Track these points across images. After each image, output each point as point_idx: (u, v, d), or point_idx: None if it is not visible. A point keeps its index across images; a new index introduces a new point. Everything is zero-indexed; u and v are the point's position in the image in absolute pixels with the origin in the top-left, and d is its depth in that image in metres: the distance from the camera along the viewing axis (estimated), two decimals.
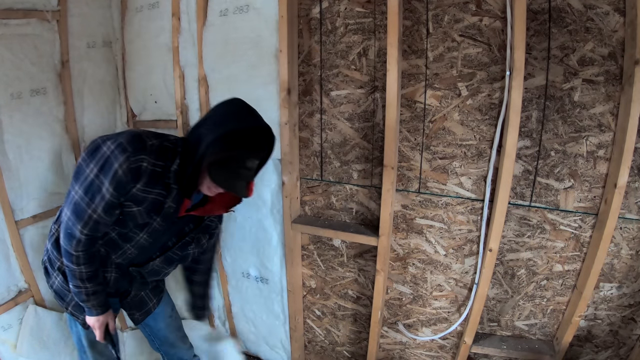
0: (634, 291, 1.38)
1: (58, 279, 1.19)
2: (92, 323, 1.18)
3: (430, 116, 1.39)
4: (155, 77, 1.80)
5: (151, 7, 1.73)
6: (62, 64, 1.63)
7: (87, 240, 1.02)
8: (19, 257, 1.56)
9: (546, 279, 1.45)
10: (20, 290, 1.58)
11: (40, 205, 1.63)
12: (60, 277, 1.18)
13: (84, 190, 0.97)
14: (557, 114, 1.27)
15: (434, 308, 1.63)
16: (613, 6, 1.13)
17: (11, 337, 1.54)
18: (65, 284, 1.17)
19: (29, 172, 1.58)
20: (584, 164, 1.28)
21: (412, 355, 1.77)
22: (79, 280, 1.08)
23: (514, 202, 1.38)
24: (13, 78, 1.49)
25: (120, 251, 1.15)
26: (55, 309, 1.69)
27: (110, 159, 0.94)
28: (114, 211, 1.01)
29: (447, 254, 1.53)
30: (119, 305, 1.31)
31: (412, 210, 1.51)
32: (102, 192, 0.96)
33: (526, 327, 1.55)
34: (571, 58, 1.21)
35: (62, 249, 1.05)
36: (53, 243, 1.16)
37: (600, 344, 1.49)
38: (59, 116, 1.67)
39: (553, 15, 1.19)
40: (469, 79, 1.31)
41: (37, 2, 1.50)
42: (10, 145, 1.51)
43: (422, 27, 1.31)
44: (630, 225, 1.30)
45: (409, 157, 1.45)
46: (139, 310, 1.35)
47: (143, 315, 1.37)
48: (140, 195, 1.00)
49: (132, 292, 1.29)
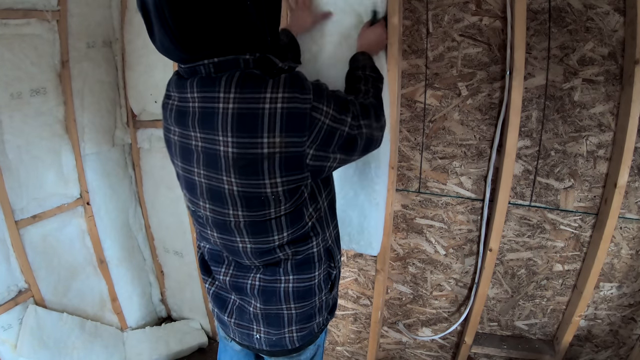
0: (634, 291, 1.38)
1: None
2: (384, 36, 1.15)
3: (430, 116, 1.38)
4: (155, 77, 1.80)
5: None
6: (62, 64, 1.63)
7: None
8: (19, 257, 1.55)
9: (546, 279, 1.45)
10: (20, 290, 1.58)
11: (40, 205, 1.63)
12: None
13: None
14: (557, 114, 1.27)
15: (434, 308, 1.63)
16: (613, 6, 1.13)
17: (11, 337, 1.54)
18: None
19: (29, 172, 1.58)
20: (584, 163, 1.28)
21: (412, 355, 1.77)
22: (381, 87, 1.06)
23: (514, 202, 1.38)
24: (13, 78, 1.49)
25: None
26: (55, 309, 1.69)
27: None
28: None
29: (447, 254, 1.53)
30: None
31: (412, 210, 1.51)
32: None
33: (526, 327, 1.55)
34: (571, 58, 1.21)
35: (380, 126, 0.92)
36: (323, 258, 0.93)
37: (600, 344, 1.49)
38: (59, 116, 1.67)
39: (553, 15, 1.19)
40: (469, 78, 1.31)
41: (37, 2, 1.49)
42: (10, 145, 1.51)
43: (422, 26, 1.31)
44: (630, 225, 1.30)
45: (409, 156, 1.45)
46: None
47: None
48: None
49: None
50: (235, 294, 0.94)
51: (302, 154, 0.72)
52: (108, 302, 1.96)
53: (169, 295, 2.24)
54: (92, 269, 1.87)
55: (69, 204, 1.74)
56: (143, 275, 2.14)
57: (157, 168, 1.95)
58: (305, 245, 0.87)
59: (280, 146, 0.69)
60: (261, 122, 0.68)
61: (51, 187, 1.67)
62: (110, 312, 1.97)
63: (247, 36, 0.71)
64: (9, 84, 1.48)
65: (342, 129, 0.77)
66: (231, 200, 0.77)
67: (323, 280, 0.93)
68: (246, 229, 0.81)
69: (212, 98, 0.71)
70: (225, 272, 0.93)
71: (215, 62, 0.71)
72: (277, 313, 0.91)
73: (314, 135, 0.72)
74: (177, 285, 2.16)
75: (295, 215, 0.81)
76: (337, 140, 0.76)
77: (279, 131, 0.68)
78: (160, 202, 2.00)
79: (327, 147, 0.76)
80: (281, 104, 0.68)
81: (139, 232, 2.09)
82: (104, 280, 1.92)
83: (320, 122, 0.72)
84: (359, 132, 0.81)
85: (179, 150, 0.81)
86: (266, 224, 0.80)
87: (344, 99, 0.80)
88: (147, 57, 1.80)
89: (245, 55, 0.71)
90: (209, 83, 0.72)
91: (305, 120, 0.70)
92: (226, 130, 0.70)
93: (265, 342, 0.95)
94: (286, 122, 0.68)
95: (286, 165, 0.72)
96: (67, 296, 1.77)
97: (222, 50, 0.70)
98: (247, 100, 0.69)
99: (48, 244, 1.68)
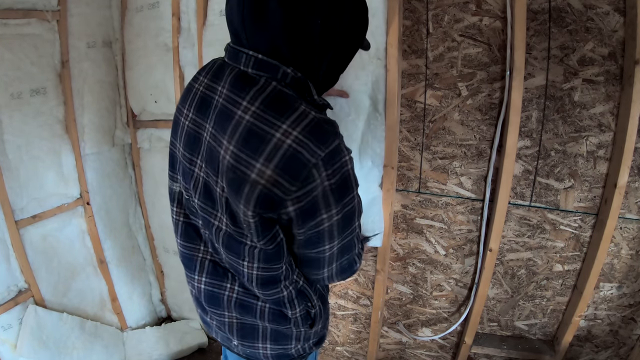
0: (634, 291, 1.38)
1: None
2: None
3: (430, 116, 1.38)
4: (155, 77, 1.80)
5: (151, 7, 1.73)
6: (62, 64, 1.63)
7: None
8: (19, 257, 1.55)
9: (546, 279, 1.45)
10: (20, 290, 1.58)
11: (40, 205, 1.63)
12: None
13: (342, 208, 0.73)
14: (557, 114, 1.27)
15: (434, 308, 1.63)
16: (613, 6, 1.13)
17: (11, 337, 1.54)
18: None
19: (29, 172, 1.58)
20: (584, 163, 1.28)
21: (412, 355, 1.77)
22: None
23: (514, 202, 1.38)
24: (13, 78, 1.48)
25: None
26: (55, 309, 1.69)
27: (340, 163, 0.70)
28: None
29: (447, 254, 1.53)
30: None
31: (412, 210, 1.51)
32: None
33: (526, 327, 1.55)
34: (571, 58, 1.21)
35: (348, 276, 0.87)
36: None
37: (600, 344, 1.49)
38: (59, 116, 1.67)
39: (553, 15, 1.19)
40: (469, 78, 1.31)
41: (37, 2, 1.49)
42: (10, 145, 1.51)
43: (422, 27, 1.31)
44: (630, 225, 1.30)
45: (409, 157, 1.45)
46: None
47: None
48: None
49: None
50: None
51: (282, 202, 0.67)
52: (108, 302, 1.95)
53: (169, 295, 2.23)
54: (92, 269, 1.87)
55: (69, 204, 1.74)
56: (143, 275, 2.14)
57: (157, 168, 1.95)
58: (273, 288, 0.82)
59: (268, 180, 0.65)
60: (264, 147, 0.65)
61: (51, 187, 1.67)
62: (110, 312, 1.96)
63: (302, 55, 0.69)
64: (9, 84, 1.48)
65: (323, 214, 0.69)
66: (220, 203, 0.75)
67: (301, 317, 0.88)
68: (223, 240, 0.78)
69: (236, 102, 0.69)
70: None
71: (259, 59, 0.68)
72: (253, 325, 0.89)
73: (303, 192, 0.66)
74: (177, 285, 2.16)
75: (272, 255, 0.76)
76: (309, 219, 0.70)
77: (274, 165, 0.64)
78: (160, 202, 2.00)
79: (303, 219, 0.70)
80: (291, 141, 0.64)
81: (139, 232, 2.09)
82: (104, 280, 1.92)
83: (315, 183, 0.65)
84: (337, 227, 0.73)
85: (185, 135, 0.79)
86: (240, 247, 0.76)
87: (354, 199, 0.73)
88: (147, 57, 1.80)
89: (289, 68, 0.69)
90: (241, 86, 0.70)
91: (302, 170, 0.64)
92: (232, 138, 0.68)
93: (242, 351, 0.93)
94: (285, 161, 0.64)
95: (263, 200, 0.67)
96: (67, 296, 1.76)
97: (274, 53, 0.68)
98: (263, 120, 0.66)
99: (48, 244, 1.68)
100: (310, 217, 0.69)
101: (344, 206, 0.71)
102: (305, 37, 0.67)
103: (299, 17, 0.64)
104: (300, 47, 0.67)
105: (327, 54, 0.71)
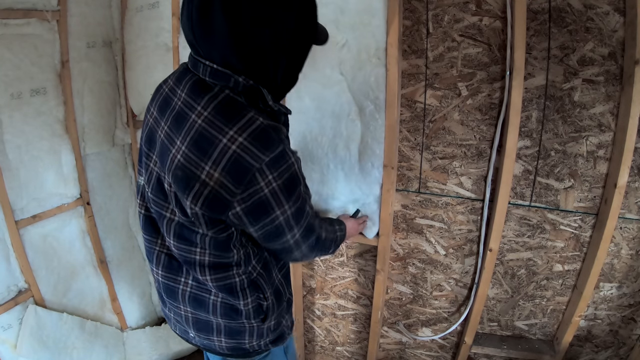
0: (634, 291, 1.38)
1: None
2: (357, 229, 1.31)
3: (430, 116, 1.39)
4: (155, 77, 1.80)
5: (151, 7, 1.73)
6: (62, 64, 1.63)
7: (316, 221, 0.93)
8: (19, 257, 1.55)
9: (546, 279, 1.45)
10: (20, 290, 1.58)
11: (40, 205, 1.63)
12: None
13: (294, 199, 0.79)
14: (557, 114, 1.27)
15: (434, 308, 1.63)
16: (613, 6, 1.13)
17: (11, 337, 1.54)
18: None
19: (29, 172, 1.58)
20: (584, 163, 1.28)
21: (412, 355, 1.77)
22: (334, 246, 1.04)
23: (514, 202, 1.38)
24: (13, 78, 1.48)
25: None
26: (55, 309, 1.69)
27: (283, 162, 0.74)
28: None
29: (447, 254, 1.53)
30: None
31: (412, 210, 1.51)
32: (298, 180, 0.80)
33: (526, 327, 1.55)
34: (571, 58, 1.21)
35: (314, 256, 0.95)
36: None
37: (600, 344, 1.49)
38: (59, 116, 1.67)
39: (553, 15, 1.19)
40: (469, 78, 1.31)
41: (37, 2, 1.49)
42: (10, 145, 1.51)
43: (422, 27, 1.31)
44: (630, 225, 1.30)
45: (409, 157, 1.45)
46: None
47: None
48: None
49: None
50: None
51: (229, 203, 0.71)
52: (108, 302, 1.95)
53: None
54: (92, 269, 1.87)
55: (69, 204, 1.74)
56: (143, 275, 2.14)
57: None
58: (224, 272, 0.85)
59: (215, 182, 0.69)
60: (212, 151, 0.69)
61: (51, 187, 1.67)
62: (110, 312, 1.97)
63: (254, 65, 0.72)
64: (9, 84, 1.48)
65: (276, 211, 0.75)
66: (170, 197, 0.78)
67: (253, 309, 0.91)
68: (175, 230, 0.82)
69: (192, 106, 0.73)
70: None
71: (214, 69, 0.72)
72: (207, 321, 0.92)
73: (247, 194, 0.70)
74: None
75: (222, 242, 0.80)
76: (263, 217, 0.75)
77: (220, 169, 0.69)
78: None
79: (253, 217, 0.74)
80: (235, 147, 0.68)
81: (139, 232, 2.09)
82: (104, 280, 1.92)
83: (259, 187, 0.70)
84: (290, 230, 0.80)
85: (148, 131, 0.84)
86: (192, 235, 0.80)
87: (301, 193, 0.79)
88: (147, 57, 1.80)
89: (240, 77, 0.72)
90: (197, 92, 0.74)
91: (247, 174, 0.69)
92: (185, 139, 0.72)
93: (199, 342, 0.98)
94: (230, 165, 0.68)
95: (211, 201, 0.71)
96: (67, 296, 1.76)
97: (226, 64, 0.72)
98: (213, 125, 0.70)
99: (48, 244, 1.68)
100: (263, 214, 0.74)
101: (295, 201, 0.77)
102: (255, 48, 0.70)
103: (245, 30, 0.67)
104: (250, 58, 0.71)
105: (281, 60, 0.74)
